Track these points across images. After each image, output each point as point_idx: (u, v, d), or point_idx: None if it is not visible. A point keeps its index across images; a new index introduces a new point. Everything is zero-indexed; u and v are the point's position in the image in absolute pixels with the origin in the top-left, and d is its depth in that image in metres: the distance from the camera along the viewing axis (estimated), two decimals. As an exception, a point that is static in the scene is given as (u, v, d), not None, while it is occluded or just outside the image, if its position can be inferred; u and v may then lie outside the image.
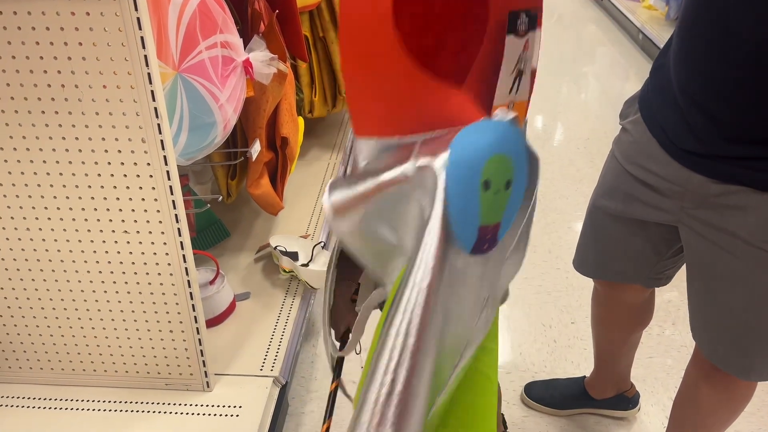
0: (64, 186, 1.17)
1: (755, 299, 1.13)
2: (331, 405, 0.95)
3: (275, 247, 1.77)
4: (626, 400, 1.70)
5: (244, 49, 1.47)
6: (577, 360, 1.87)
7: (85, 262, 1.25)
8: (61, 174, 1.16)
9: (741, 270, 1.13)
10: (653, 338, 1.95)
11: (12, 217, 1.21)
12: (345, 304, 0.97)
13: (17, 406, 1.37)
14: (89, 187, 1.16)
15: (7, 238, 1.24)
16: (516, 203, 0.64)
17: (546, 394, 1.72)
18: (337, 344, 1.01)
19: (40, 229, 1.22)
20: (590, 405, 1.70)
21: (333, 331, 1.00)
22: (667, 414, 1.70)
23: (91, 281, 1.28)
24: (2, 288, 1.30)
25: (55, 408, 1.37)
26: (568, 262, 2.31)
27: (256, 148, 1.66)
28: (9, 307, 1.33)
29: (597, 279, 1.50)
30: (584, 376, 1.74)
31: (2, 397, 1.39)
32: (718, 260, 1.16)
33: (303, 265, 1.76)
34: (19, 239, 1.24)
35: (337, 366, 1.00)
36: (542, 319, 2.03)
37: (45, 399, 1.38)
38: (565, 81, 4.08)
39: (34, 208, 1.20)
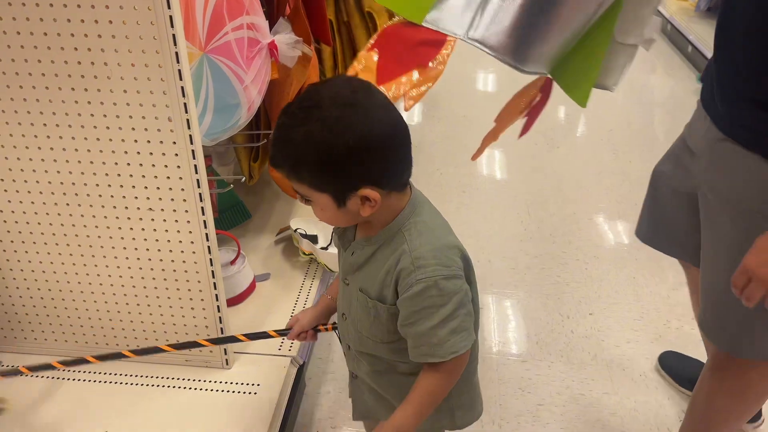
0: (92, 162, 1.19)
1: (736, 264, 1.03)
2: None
3: (295, 230, 1.78)
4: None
5: (270, 31, 1.48)
6: (594, 351, 1.86)
7: (110, 238, 1.28)
8: (88, 150, 1.18)
9: (728, 234, 1.11)
10: (672, 332, 1.94)
11: (40, 192, 1.24)
12: None
13: (44, 377, 1.41)
14: (116, 164, 1.18)
15: (36, 212, 1.27)
16: None
17: (677, 366, 1.70)
18: None
19: (68, 204, 1.25)
20: None
21: None
22: (683, 407, 1.69)
23: (116, 257, 1.30)
24: (30, 261, 1.33)
25: (81, 380, 1.40)
26: (588, 253, 2.30)
27: (279, 131, 1.67)
28: (36, 279, 1.36)
29: (650, 246, 1.48)
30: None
31: (28, 367, 1.43)
32: (714, 224, 1.15)
33: (322, 248, 1.78)
34: (47, 213, 1.26)
35: None
36: (560, 310, 2.02)
37: (70, 371, 1.42)
38: (590, 72, 4.03)
39: (62, 183, 1.22)
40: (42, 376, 1.41)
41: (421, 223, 0.91)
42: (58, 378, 1.40)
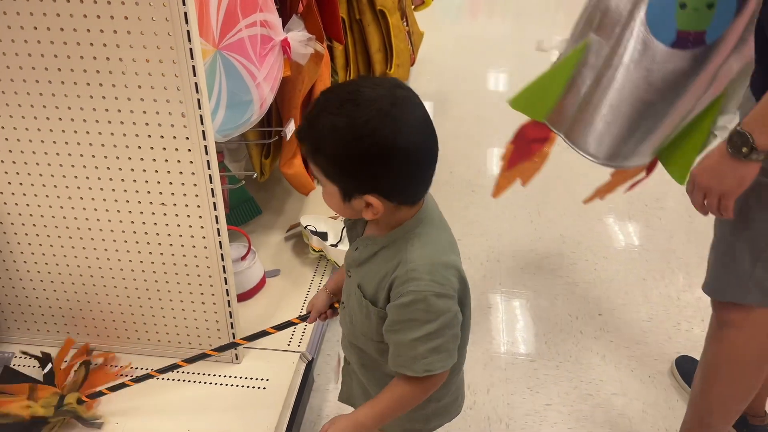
0: (105, 157, 1.20)
1: (737, 219, 1.16)
2: None
3: (306, 227, 1.79)
4: (750, 426, 1.52)
5: (283, 28, 1.49)
6: (602, 351, 1.86)
7: (123, 232, 1.29)
8: (102, 145, 1.19)
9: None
10: (682, 334, 1.93)
11: (54, 186, 1.25)
12: None
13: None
14: (129, 159, 1.20)
15: (50, 206, 1.28)
16: (725, 18, 1.04)
17: (692, 371, 1.54)
18: None
19: (81, 198, 1.26)
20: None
21: None
22: (692, 410, 1.69)
23: (128, 251, 1.32)
24: (43, 254, 1.35)
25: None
26: (598, 253, 2.29)
27: (290, 128, 1.68)
28: (50, 272, 1.38)
29: None
30: None
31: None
32: None
33: (332, 245, 1.78)
34: (61, 207, 1.28)
35: None
36: (569, 310, 2.02)
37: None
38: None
39: (76, 177, 1.24)
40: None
41: (426, 235, 0.90)
42: (70, 370, 1.42)
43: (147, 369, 1.41)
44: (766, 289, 1.23)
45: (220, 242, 1.27)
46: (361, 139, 0.80)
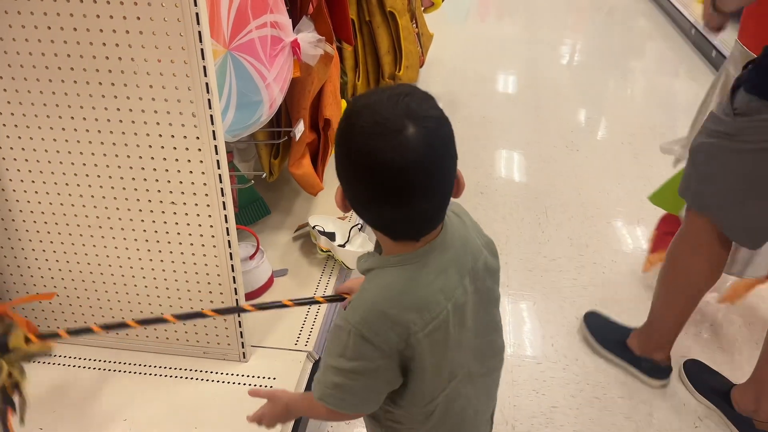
0: (116, 156, 1.21)
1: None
2: None
3: (314, 227, 1.80)
4: (660, 369, 1.76)
5: (293, 29, 1.50)
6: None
7: (133, 230, 1.30)
8: (113, 144, 1.20)
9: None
10: (689, 338, 1.92)
11: (66, 184, 1.27)
12: None
13: (68, 365, 1.44)
14: (140, 157, 1.21)
15: (61, 204, 1.30)
16: None
17: (600, 327, 1.89)
18: None
19: (92, 196, 1.27)
20: (627, 359, 1.79)
21: None
22: (699, 414, 1.68)
23: (137, 249, 1.33)
24: (54, 251, 1.36)
25: (100, 369, 1.43)
26: (606, 256, 2.29)
27: (299, 129, 1.69)
28: (60, 269, 1.39)
29: None
30: (633, 329, 1.81)
31: (56, 355, 1.45)
32: None
33: (340, 245, 1.79)
34: (72, 205, 1.29)
35: None
36: (576, 313, 2.02)
37: (92, 359, 1.45)
38: (612, 75, 4.00)
39: (87, 176, 1.25)
40: (60, 364, 1.44)
41: (397, 277, 0.82)
42: (76, 366, 1.44)
43: (152, 365, 1.43)
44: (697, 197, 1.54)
45: (228, 241, 1.28)
46: (351, 141, 0.75)
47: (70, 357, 1.46)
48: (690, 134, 2.03)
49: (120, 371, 1.42)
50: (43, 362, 1.44)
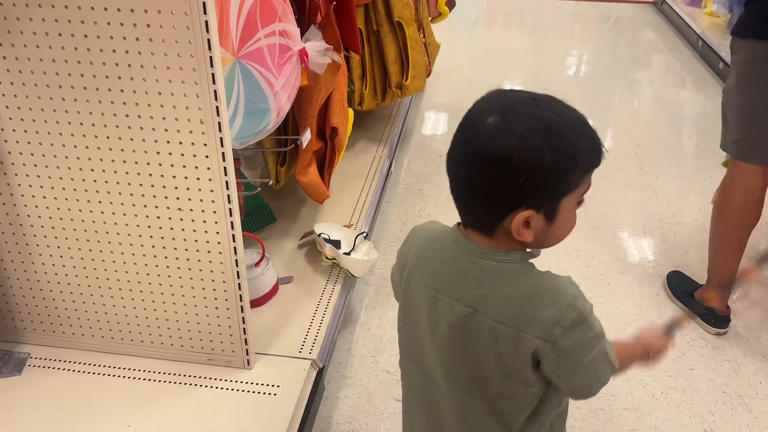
0: (124, 162, 1.22)
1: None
2: None
3: (319, 234, 1.80)
4: (718, 318, 1.98)
5: (301, 38, 1.51)
6: (615, 367, 1.85)
7: (140, 236, 1.31)
8: (122, 150, 1.21)
9: None
10: (695, 350, 1.91)
11: (74, 189, 1.27)
12: None
13: (71, 370, 1.44)
14: (148, 164, 1.21)
15: (69, 209, 1.30)
16: None
17: (675, 281, 2.16)
18: None
19: (100, 202, 1.28)
20: (691, 306, 2.03)
21: None
22: (705, 426, 1.66)
23: (144, 255, 1.33)
24: (61, 257, 1.37)
25: (104, 374, 1.43)
26: (612, 267, 2.28)
27: (306, 137, 1.69)
28: (66, 275, 1.40)
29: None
30: (700, 285, 2.07)
31: (58, 360, 1.46)
32: None
33: (345, 253, 1.79)
34: (80, 210, 1.30)
35: None
36: (581, 324, 2.01)
37: (95, 365, 1.45)
38: (618, 86, 4.00)
39: (95, 181, 1.26)
40: (66, 369, 1.44)
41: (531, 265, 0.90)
42: (82, 372, 1.44)
43: (157, 372, 1.43)
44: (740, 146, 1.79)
45: (234, 248, 1.28)
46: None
47: (74, 362, 1.46)
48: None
49: (124, 377, 1.42)
50: (47, 367, 1.44)
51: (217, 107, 1.13)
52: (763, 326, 2.01)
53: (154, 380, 1.42)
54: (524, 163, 0.74)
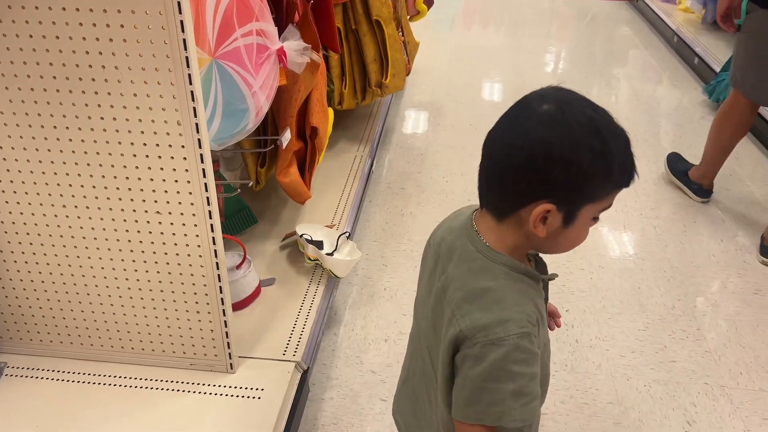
0: (100, 165, 1.20)
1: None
2: None
3: (301, 235, 1.79)
4: (704, 190, 2.65)
5: (279, 37, 1.49)
6: (598, 360, 1.86)
7: (118, 240, 1.29)
8: (97, 153, 1.19)
9: None
10: (677, 343, 1.93)
11: (49, 194, 1.25)
12: None
13: (50, 379, 1.41)
14: (124, 166, 1.19)
15: (44, 214, 1.28)
16: None
17: (674, 161, 2.79)
18: None
19: (76, 206, 1.26)
20: (684, 181, 2.69)
21: None
22: (688, 419, 1.68)
23: (123, 260, 1.31)
24: (37, 263, 1.34)
25: (84, 382, 1.41)
26: (593, 262, 2.30)
27: (286, 137, 1.68)
28: (43, 281, 1.37)
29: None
30: (693, 165, 2.68)
31: (36, 369, 1.43)
32: None
33: (328, 254, 1.78)
34: (56, 215, 1.27)
35: None
36: (565, 318, 2.02)
37: (75, 373, 1.42)
38: (596, 82, 4.03)
39: (70, 185, 1.23)
40: (45, 378, 1.41)
41: None
42: (61, 381, 1.41)
43: (138, 378, 1.41)
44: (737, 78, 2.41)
45: (215, 251, 1.27)
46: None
47: (52, 371, 1.43)
48: None
49: (104, 385, 1.40)
50: (25, 377, 1.41)
51: (194, 108, 1.12)
52: (742, 317, 2.04)
53: (135, 387, 1.39)
54: (564, 154, 0.76)
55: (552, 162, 0.77)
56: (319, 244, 1.79)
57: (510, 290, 0.84)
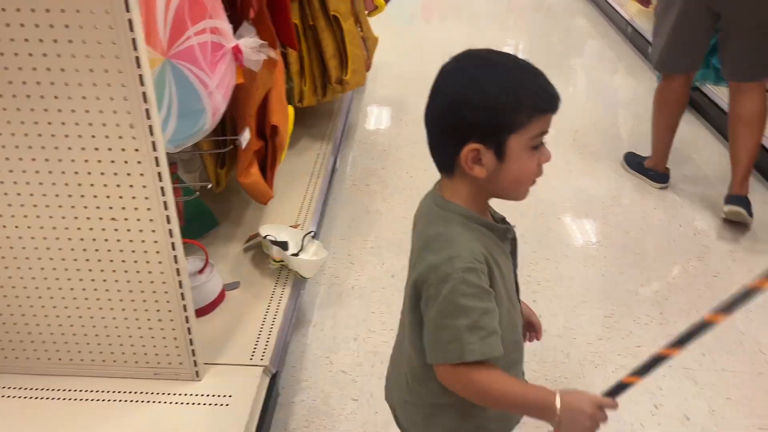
0: (50, 172, 1.15)
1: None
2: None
3: (265, 237, 1.76)
4: (660, 176, 2.72)
5: (234, 35, 1.46)
6: (566, 349, 1.88)
7: (73, 249, 1.24)
8: (47, 160, 1.14)
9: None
10: (641, 328, 1.96)
11: (-3, 204, 1.19)
12: None
13: (9, 397, 1.35)
14: (76, 173, 1.15)
15: (-8, 226, 1.22)
16: None
17: (631, 158, 2.87)
18: None
19: (25, 216, 1.20)
20: (641, 171, 2.77)
21: None
22: (655, 402, 1.71)
23: (78, 269, 1.26)
24: (-13, 276, 1.28)
25: (45, 398, 1.35)
26: (558, 252, 2.32)
27: (245, 137, 1.64)
28: (-6, 295, 1.31)
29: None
30: (647, 157, 2.76)
31: (-12, 387, 1.37)
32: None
33: (293, 254, 1.75)
34: (4, 227, 1.22)
35: None
36: (532, 308, 2.03)
37: (36, 389, 1.37)
38: (554, 74, 4.04)
39: (19, 194, 1.18)
40: (5, 396, 1.35)
41: None
42: (19, 397, 1.35)
43: (101, 391, 1.36)
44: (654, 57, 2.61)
45: (175, 257, 1.23)
46: None
47: (10, 387, 1.37)
48: None
49: (66, 399, 1.35)
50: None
51: (147, 110, 1.08)
52: (702, 300, 2.09)
53: (100, 400, 1.35)
54: (469, 96, 0.85)
55: (461, 106, 0.85)
56: (283, 245, 1.76)
57: (460, 234, 0.90)
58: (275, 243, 1.74)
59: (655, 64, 2.63)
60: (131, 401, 1.34)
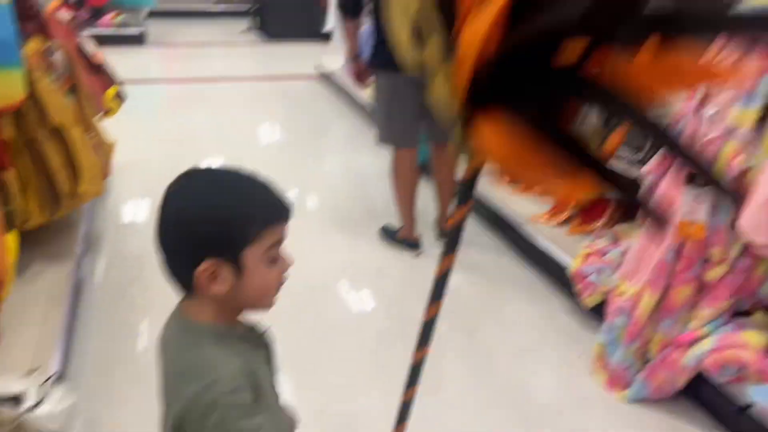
0: None
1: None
2: None
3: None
4: (412, 244, 2.92)
5: None
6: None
7: None
8: None
9: None
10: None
11: None
12: None
13: None
14: None
15: None
16: None
17: (386, 232, 3.05)
18: None
19: None
20: (397, 242, 2.95)
21: None
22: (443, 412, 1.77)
23: None
24: None
25: None
26: (337, 324, 2.32)
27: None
28: None
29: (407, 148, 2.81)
30: (399, 229, 2.95)
31: None
32: None
33: (31, 407, 1.49)
34: None
35: None
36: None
37: None
38: (307, 154, 4.26)
39: None
40: None
41: None
42: None
43: None
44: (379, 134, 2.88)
45: None
46: None
47: None
48: None
49: None
50: None
51: None
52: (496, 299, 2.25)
53: None
54: (198, 213, 0.84)
55: (192, 224, 0.84)
56: (16, 400, 1.48)
57: (215, 355, 0.86)
58: (4, 400, 1.46)
59: (377, 139, 2.89)
60: None
